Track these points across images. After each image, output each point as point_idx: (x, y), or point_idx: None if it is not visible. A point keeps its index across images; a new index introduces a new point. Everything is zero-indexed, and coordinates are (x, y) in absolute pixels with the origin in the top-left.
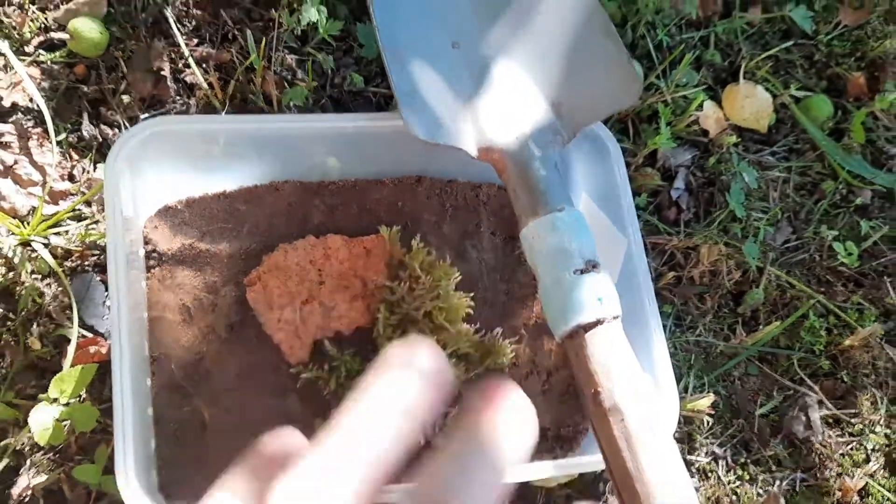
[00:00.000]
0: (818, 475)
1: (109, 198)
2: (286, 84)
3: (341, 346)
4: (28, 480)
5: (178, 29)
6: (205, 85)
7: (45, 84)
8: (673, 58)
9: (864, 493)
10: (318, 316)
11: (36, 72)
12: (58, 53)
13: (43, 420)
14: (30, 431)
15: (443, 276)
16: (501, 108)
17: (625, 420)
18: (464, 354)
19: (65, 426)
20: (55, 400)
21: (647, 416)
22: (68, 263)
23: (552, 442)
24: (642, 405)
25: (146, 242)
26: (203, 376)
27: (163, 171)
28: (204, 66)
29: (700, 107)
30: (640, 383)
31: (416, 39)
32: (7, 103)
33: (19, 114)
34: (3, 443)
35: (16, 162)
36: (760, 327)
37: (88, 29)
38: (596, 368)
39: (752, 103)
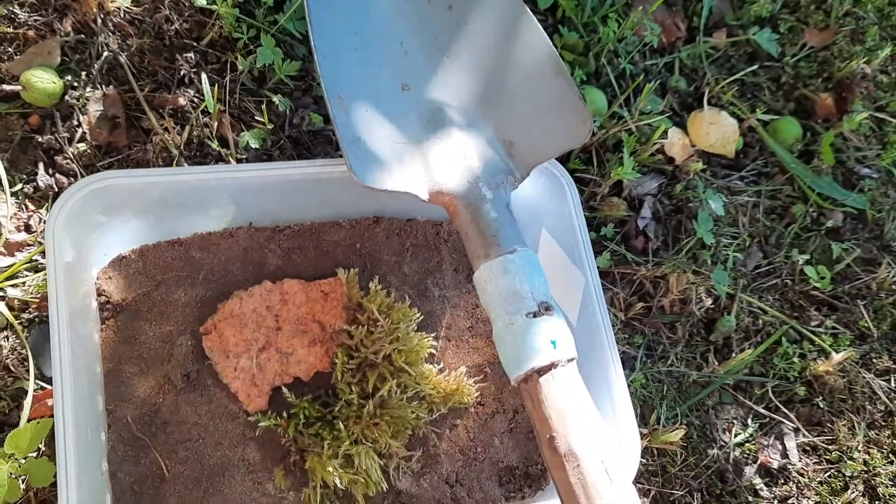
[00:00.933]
0: None
1: (51, 256)
2: (244, 126)
3: (301, 392)
4: None
5: (134, 75)
6: (160, 130)
7: None
8: (636, 85)
9: None
10: (276, 363)
11: None
12: (11, 104)
13: None
14: None
15: (402, 318)
16: (452, 150)
17: (580, 466)
18: (426, 396)
19: (21, 482)
20: (11, 456)
21: (604, 461)
22: (26, 315)
23: (520, 480)
24: (599, 450)
25: (99, 294)
26: (160, 427)
27: (113, 223)
28: (160, 111)
29: (664, 134)
30: (596, 428)
31: (363, 84)
32: None
33: None
34: None
35: None
36: (733, 355)
37: (41, 79)
38: (550, 413)
39: (717, 129)
